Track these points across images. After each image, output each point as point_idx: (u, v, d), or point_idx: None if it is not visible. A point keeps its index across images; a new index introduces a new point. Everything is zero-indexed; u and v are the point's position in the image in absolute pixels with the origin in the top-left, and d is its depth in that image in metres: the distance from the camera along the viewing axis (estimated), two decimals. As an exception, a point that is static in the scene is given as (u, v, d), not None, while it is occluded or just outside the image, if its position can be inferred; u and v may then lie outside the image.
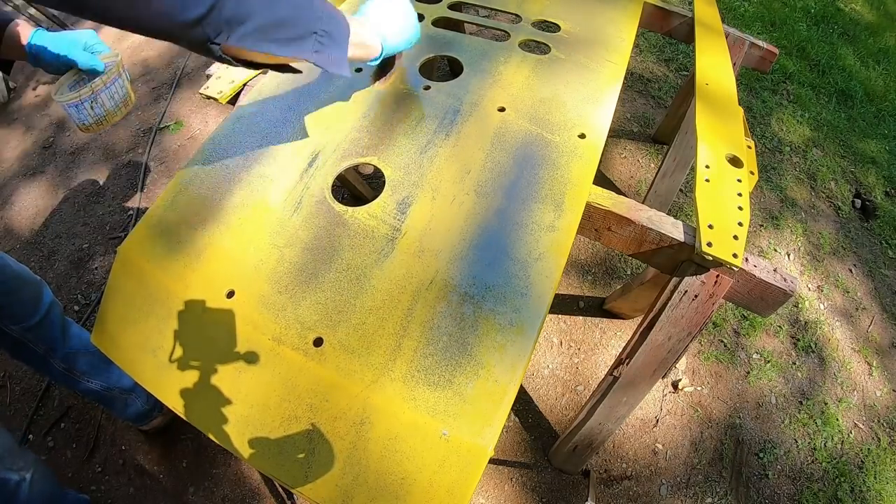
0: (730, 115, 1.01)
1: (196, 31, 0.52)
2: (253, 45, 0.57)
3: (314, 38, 0.63)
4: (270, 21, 0.57)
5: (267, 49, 0.59)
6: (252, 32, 0.55)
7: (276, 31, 0.58)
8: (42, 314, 1.07)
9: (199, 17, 0.50)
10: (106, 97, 0.86)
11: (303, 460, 0.63)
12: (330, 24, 0.66)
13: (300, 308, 0.72)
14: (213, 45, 0.54)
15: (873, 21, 3.05)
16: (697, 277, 0.80)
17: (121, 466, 1.38)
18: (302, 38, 0.62)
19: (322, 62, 0.66)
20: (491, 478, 1.39)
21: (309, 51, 0.63)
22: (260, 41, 0.57)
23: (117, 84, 0.88)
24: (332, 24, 0.66)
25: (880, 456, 1.52)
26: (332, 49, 0.67)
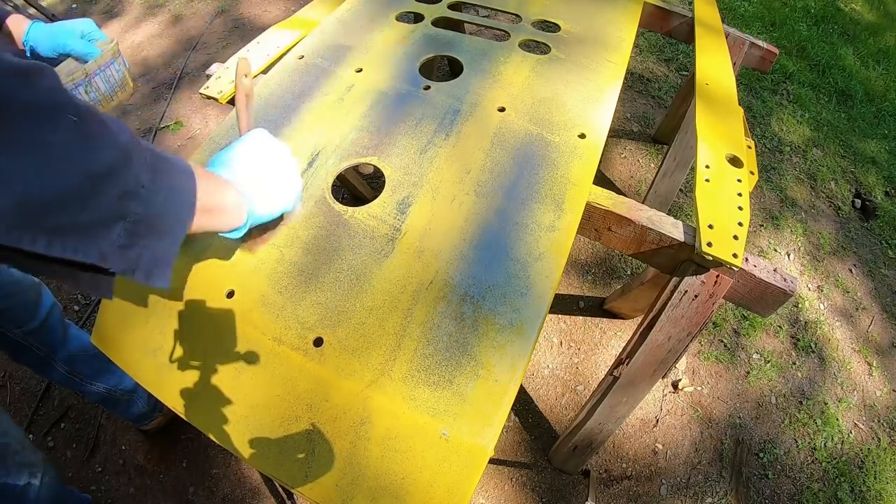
0: (730, 115, 1.01)
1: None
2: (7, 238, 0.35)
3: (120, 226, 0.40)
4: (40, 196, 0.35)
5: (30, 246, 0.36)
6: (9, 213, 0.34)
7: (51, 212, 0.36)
8: (42, 317, 1.06)
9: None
10: (100, 80, 0.84)
11: (303, 460, 0.63)
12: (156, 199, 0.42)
13: (300, 308, 0.72)
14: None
15: (873, 21, 3.05)
16: (697, 277, 0.80)
17: (121, 466, 1.38)
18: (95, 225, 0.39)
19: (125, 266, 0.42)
20: (491, 478, 1.39)
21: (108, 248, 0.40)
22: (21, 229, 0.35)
23: (113, 67, 0.86)
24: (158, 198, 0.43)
25: (880, 456, 1.52)
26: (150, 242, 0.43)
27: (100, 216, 0.39)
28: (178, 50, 2.55)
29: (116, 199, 0.39)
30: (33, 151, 0.34)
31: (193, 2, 2.83)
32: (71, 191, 0.36)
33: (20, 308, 1.03)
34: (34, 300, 1.05)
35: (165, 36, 2.64)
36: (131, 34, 2.68)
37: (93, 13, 2.85)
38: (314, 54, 1.05)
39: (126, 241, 0.41)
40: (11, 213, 0.34)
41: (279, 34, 1.15)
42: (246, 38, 2.49)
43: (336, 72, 1.01)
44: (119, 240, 0.40)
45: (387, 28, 1.11)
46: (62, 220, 0.36)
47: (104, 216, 0.39)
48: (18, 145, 0.33)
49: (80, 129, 0.37)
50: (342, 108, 0.94)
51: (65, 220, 0.37)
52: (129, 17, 2.80)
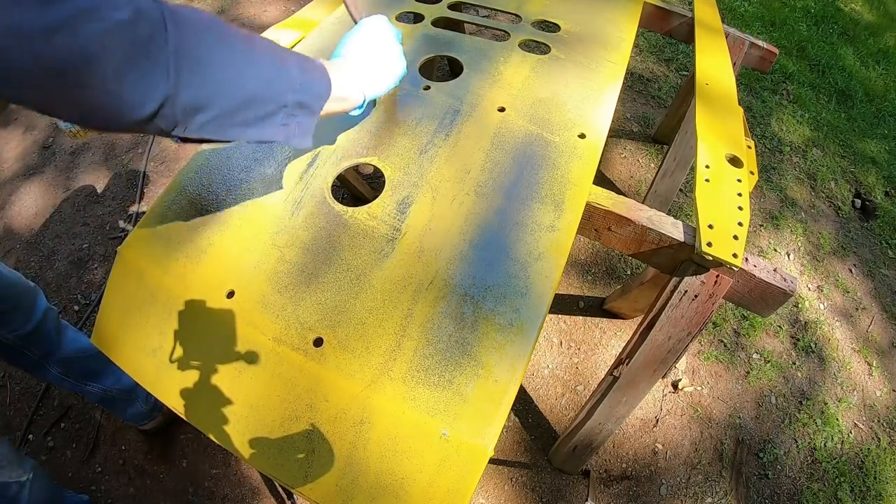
0: (730, 115, 1.01)
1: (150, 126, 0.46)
2: (214, 132, 0.50)
3: (283, 112, 0.56)
4: (232, 104, 0.50)
5: (229, 135, 0.52)
6: (213, 119, 0.49)
7: (239, 113, 0.51)
8: (37, 321, 1.05)
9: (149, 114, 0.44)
10: None
11: (303, 460, 0.63)
12: (304, 92, 0.58)
13: (300, 308, 0.72)
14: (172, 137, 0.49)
15: (873, 21, 3.05)
16: (697, 277, 0.80)
17: (121, 466, 1.38)
18: (269, 116, 0.55)
19: (284, 137, 0.58)
20: (491, 478, 1.39)
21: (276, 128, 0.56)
22: (221, 127, 0.51)
23: None
24: (306, 92, 0.58)
25: (880, 456, 1.52)
26: (300, 119, 0.59)
27: (273, 108, 0.54)
28: (178, 50, 2.55)
29: (281, 94, 0.55)
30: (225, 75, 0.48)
31: (192, 1, 2.83)
32: (253, 96, 0.52)
33: (14, 313, 1.02)
34: (29, 305, 1.05)
35: (165, 36, 2.64)
36: (131, 34, 2.68)
37: (93, 13, 2.85)
38: (314, 54, 1.05)
39: (286, 121, 0.57)
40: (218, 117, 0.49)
41: (279, 34, 1.15)
42: (246, 38, 2.48)
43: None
44: (281, 120, 0.56)
45: (387, 28, 1.11)
46: (251, 115, 0.52)
47: (275, 108, 0.55)
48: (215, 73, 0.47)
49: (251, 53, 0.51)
50: (342, 108, 0.94)
51: (252, 115, 0.52)
52: (129, 17, 2.79)
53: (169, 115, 0.46)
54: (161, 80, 0.43)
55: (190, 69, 0.45)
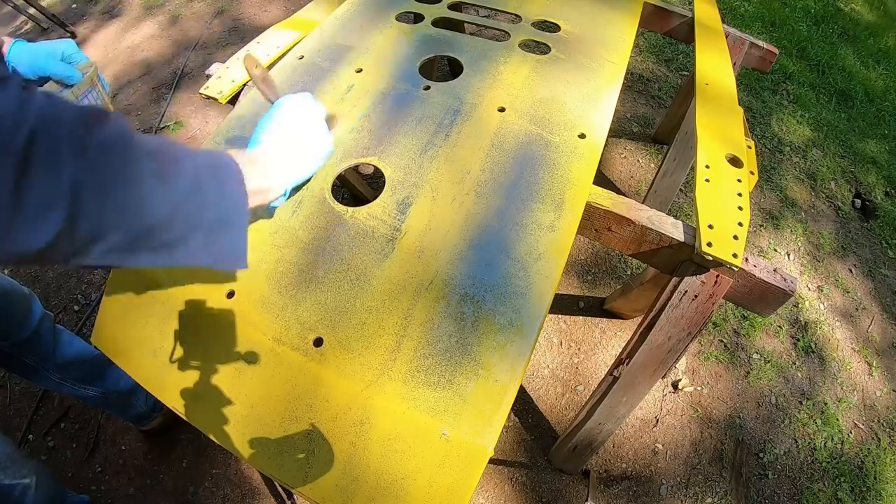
0: (730, 115, 1.01)
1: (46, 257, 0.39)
2: (119, 260, 0.44)
3: (200, 233, 0.49)
4: (138, 230, 0.44)
5: (138, 263, 0.46)
6: (115, 248, 0.43)
7: (148, 239, 0.45)
8: (32, 329, 1.05)
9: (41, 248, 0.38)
10: None
11: (303, 460, 0.63)
12: (221, 206, 0.51)
13: (300, 308, 0.72)
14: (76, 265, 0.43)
15: (873, 21, 3.05)
16: (697, 277, 0.80)
17: (121, 466, 1.38)
18: (184, 238, 0.48)
19: (213, 261, 0.52)
20: (491, 478, 1.39)
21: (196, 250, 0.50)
22: (126, 255, 0.45)
23: (91, 96, 0.85)
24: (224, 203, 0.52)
25: (880, 456, 1.52)
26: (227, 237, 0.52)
27: (184, 231, 0.48)
28: (177, 50, 2.55)
29: (194, 214, 0.48)
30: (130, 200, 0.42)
31: (193, 2, 2.83)
32: (162, 219, 0.45)
33: (9, 320, 1.01)
34: (23, 312, 1.04)
35: (165, 36, 2.64)
36: (131, 34, 2.68)
37: (93, 13, 2.85)
38: (314, 54, 1.05)
39: (207, 241, 0.50)
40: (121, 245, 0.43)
41: (279, 34, 1.15)
42: (245, 38, 2.49)
43: (336, 72, 1.01)
44: (201, 242, 0.50)
45: (387, 28, 1.11)
46: (157, 242, 0.46)
47: (187, 230, 0.48)
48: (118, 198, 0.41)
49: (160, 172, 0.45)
50: (342, 108, 0.94)
51: (159, 241, 0.46)
52: (129, 18, 2.80)
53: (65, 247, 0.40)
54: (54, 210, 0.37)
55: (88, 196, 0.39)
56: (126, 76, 2.44)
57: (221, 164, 0.53)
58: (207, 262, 0.51)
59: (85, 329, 1.62)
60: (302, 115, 0.71)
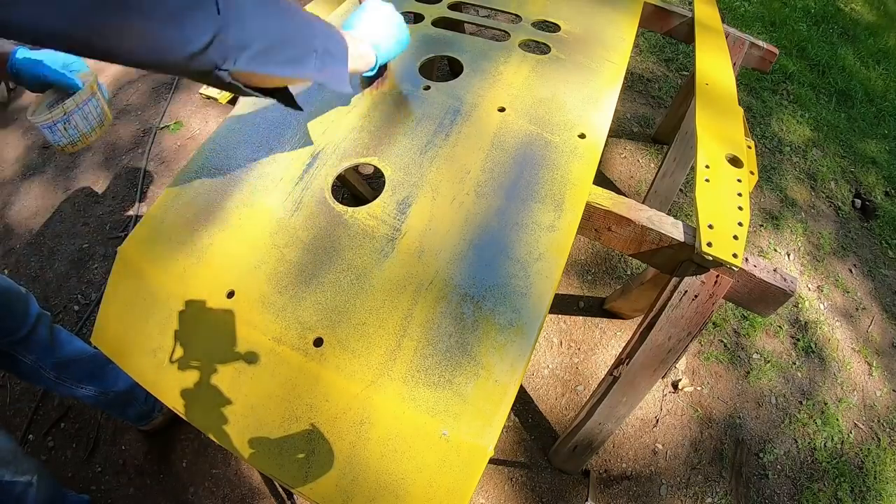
0: (730, 115, 1.01)
1: (201, 60, 0.51)
2: (258, 67, 0.57)
3: (314, 56, 0.64)
4: (271, 42, 0.57)
5: (272, 71, 0.59)
6: (256, 55, 0.55)
7: (278, 51, 0.58)
8: (30, 327, 1.05)
9: (203, 47, 0.49)
10: (79, 118, 0.85)
11: (303, 460, 0.63)
12: (328, 41, 0.67)
13: (300, 308, 0.72)
14: (221, 72, 0.54)
15: (873, 21, 3.05)
16: (697, 277, 0.80)
17: (121, 466, 1.38)
18: (303, 57, 0.63)
19: (324, 79, 0.67)
20: (491, 478, 1.39)
21: (311, 69, 0.64)
22: (264, 63, 0.57)
23: (91, 104, 0.86)
24: (330, 41, 0.67)
25: (880, 456, 1.52)
26: (333, 66, 0.68)
27: (304, 51, 0.63)
28: (178, 50, 2.55)
29: (309, 39, 0.63)
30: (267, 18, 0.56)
31: None
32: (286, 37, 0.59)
33: (7, 319, 1.02)
34: (21, 311, 1.04)
35: (165, 36, 2.64)
36: (131, 34, 2.67)
37: (93, 13, 2.85)
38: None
39: (320, 66, 0.65)
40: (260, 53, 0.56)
41: (279, 34, 1.15)
42: (246, 38, 2.48)
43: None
44: (315, 65, 0.64)
45: (387, 28, 1.11)
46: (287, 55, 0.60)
47: (306, 51, 0.63)
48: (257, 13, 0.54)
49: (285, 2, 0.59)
50: (342, 108, 0.94)
51: (288, 55, 0.60)
52: (129, 17, 2.79)
53: (219, 48, 0.51)
54: (211, 18, 0.49)
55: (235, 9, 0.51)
56: (126, 76, 2.44)
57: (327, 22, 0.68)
58: (321, 79, 0.66)
59: (85, 329, 1.62)
60: (385, 10, 0.86)
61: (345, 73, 0.71)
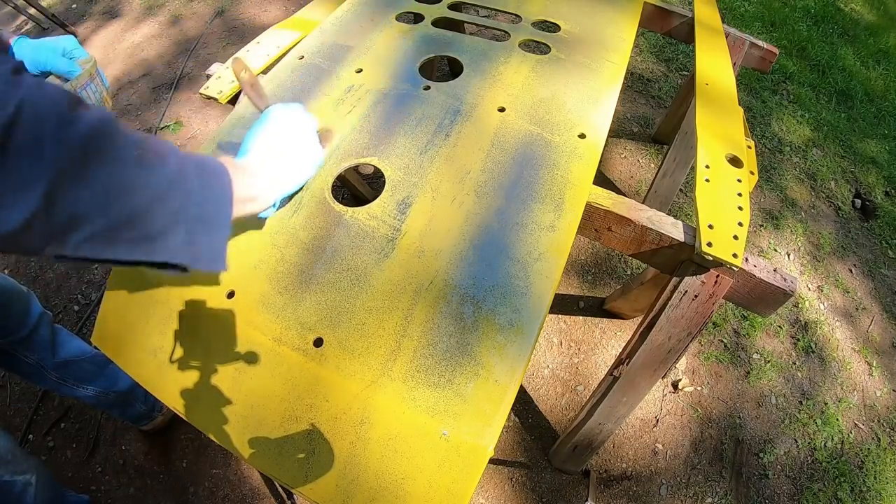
0: (730, 115, 1.01)
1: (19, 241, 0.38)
2: (95, 252, 0.43)
3: (181, 229, 0.48)
4: (118, 218, 0.43)
5: (115, 255, 0.45)
6: (93, 237, 0.42)
7: (126, 230, 0.44)
8: (31, 327, 1.05)
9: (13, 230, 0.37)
10: None
11: (303, 460, 0.63)
12: (206, 203, 0.50)
13: (300, 308, 0.72)
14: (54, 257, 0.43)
15: (873, 21, 3.05)
16: (697, 277, 0.80)
17: (121, 466, 1.38)
18: (162, 233, 0.46)
19: (191, 259, 0.50)
20: (491, 478, 1.39)
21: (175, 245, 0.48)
22: (105, 246, 0.43)
23: (89, 89, 0.86)
24: (207, 201, 0.51)
25: (880, 456, 1.52)
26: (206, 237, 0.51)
27: (164, 224, 0.46)
28: (177, 50, 2.55)
29: (176, 208, 0.47)
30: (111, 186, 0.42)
31: (193, 2, 2.83)
32: (143, 209, 0.44)
33: (8, 319, 1.02)
34: (22, 310, 1.04)
35: (165, 36, 2.64)
36: (131, 34, 2.68)
37: (93, 13, 2.85)
38: (314, 55, 1.05)
39: (188, 239, 0.49)
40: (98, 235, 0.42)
41: (279, 34, 1.15)
42: (245, 38, 2.49)
43: (336, 72, 1.01)
44: (182, 239, 0.48)
45: (387, 28, 1.11)
46: (137, 233, 0.45)
47: (168, 224, 0.47)
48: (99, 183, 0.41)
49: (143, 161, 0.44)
50: (342, 108, 0.94)
51: (139, 233, 0.45)
52: (129, 18, 2.80)
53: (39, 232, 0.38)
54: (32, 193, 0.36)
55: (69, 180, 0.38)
56: (126, 76, 2.44)
57: (208, 164, 0.53)
58: (185, 259, 0.50)
59: (85, 329, 1.62)
60: (292, 126, 0.69)
61: (221, 247, 0.53)
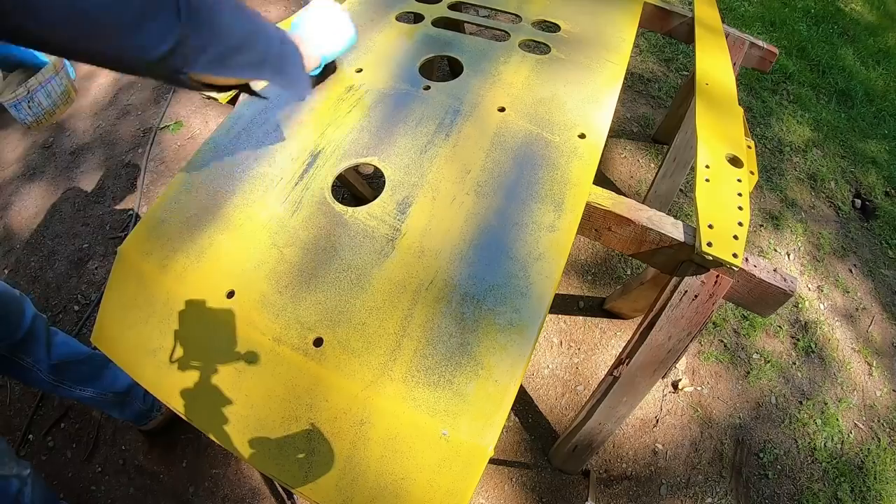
0: (730, 115, 1.01)
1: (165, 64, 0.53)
2: (217, 70, 0.59)
3: (270, 60, 0.67)
4: (229, 47, 0.59)
5: (230, 74, 0.62)
6: (214, 59, 0.57)
7: (236, 56, 0.61)
8: (25, 330, 1.05)
9: (167, 51, 0.51)
10: (42, 96, 0.88)
11: (303, 460, 0.63)
12: (283, 46, 0.70)
13: (300, 308, 0.72)
14: (181, 76, 0.56)
15: (873, 21, 3.05)
16: (697, 277, 0.80)
17: (121, 466, 1.38)
18: (260, 61, 0.65)
19: (281, 83, 0.71)
20: (491, 478, 1.39)
21: (268, 73, 0.67)
22: (222, 67, 0.59)
23: (54, 82, 0.89)
24: (284, 46, 0.70)
25: (880, 456, 1.52)
26: (289, 70, 0.71)
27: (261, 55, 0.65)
28: (178, 50, 2.55)
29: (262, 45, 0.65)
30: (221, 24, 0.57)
31: None
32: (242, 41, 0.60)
33: (3, 323, 1.01)
34: (17, 314, 1.04)
35: (165, 36, 2.64)
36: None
37: (93, 13, 2.85)
38: (314, 54, 1.05)
39: (275, 69, 0.68)
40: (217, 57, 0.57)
41: (279, 34, 1.15)
42: (246, 38, 2.48)
43: (336, 72, 1.01)
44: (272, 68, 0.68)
45: (387, 28, 1.11)
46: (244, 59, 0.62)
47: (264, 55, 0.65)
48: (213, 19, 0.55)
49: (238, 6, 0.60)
50: (342, 108, 0.94)
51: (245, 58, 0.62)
52: (129, 17, 2.79)
53: (181, 53, 0.52)
54: (174, 25, 0.50)
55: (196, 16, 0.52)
56: (126, 76, 2.44)
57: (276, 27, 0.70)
58: (278, 83, 0.71)
59: (85, 329, 1.62)
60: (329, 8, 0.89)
61: (301, 78, 0.74)
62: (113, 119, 2.24)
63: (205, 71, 0.57)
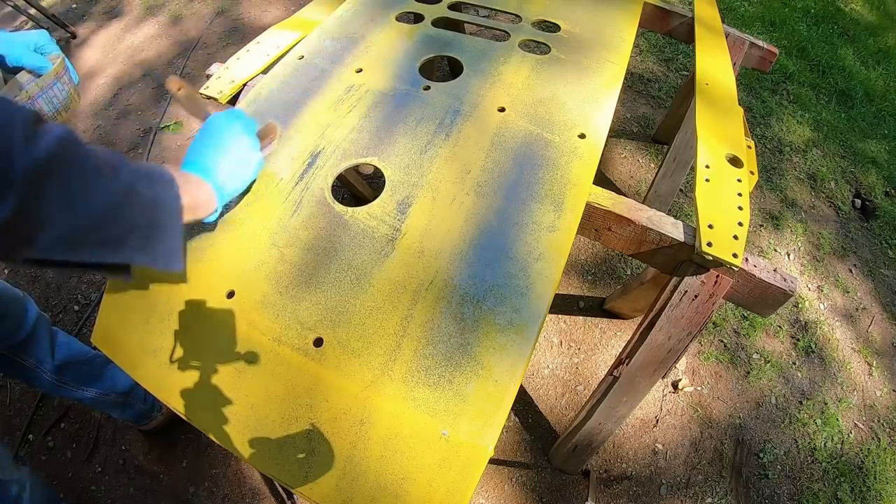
0: (730, 115, 1.01)
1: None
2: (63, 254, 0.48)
3: (138, 233, 0.53)
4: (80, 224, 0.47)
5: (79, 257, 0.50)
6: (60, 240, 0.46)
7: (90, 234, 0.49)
8: (28, 331, 1.05)
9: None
10: (43, 102, 0.86)
11: (303, 460, 0.63)
12: (157, 210, 0.55)
13: (300, 308, 0.72)
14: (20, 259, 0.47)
15: (873, 21, 3.05)
16: (697, 277, 0.80)
17: (121, 466, 1.38)
18: (123, 237, 0.52)
19: (148, 260, 0.56)
20: (491, 478, 1.39)
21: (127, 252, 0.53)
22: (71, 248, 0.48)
23: (55, 88, 0.87)
24: (159, 209, 0.56)
25: (880, 456, 1.52)
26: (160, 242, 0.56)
27: (124, 228, 0.52)
28: (178, 50, 2.55)
29: (132, 214, 0.52)
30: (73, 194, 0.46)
31: (193, 2, 2.83)
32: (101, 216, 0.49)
33: (4, 322, 1.01)
34: (19, 314, 1.04)
35: (165, 36, 2.64)
36: (131, 35, 2.68)
37: (93, 13, 2.85)
38: (314, 55, 1.05)
39: (143, 242, 0.54)
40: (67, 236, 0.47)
41: (279, 34, 1.15)
42: (246, 38, 2.49)
43: (336, 72, 1.01)
44: (138, 242, 0.54)
45: (387, 28, 1.11)
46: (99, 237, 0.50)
47: (126, 227, 0.52)
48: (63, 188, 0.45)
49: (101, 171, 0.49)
50: (342, 108, 0.94)
51: (102, 237, 0.50)
52: (130, 18, 2.80)
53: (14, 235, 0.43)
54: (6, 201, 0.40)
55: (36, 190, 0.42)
56: (126, 76, 2.44)
57: (156, 174, 0.58)
58: (146, 261, 0.56)
59: (85, 329, 1.62)
60: (228, 134, 0.72)
61: (176, 249, 0.59)
62: (113, 119, 2.24)
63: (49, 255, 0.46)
